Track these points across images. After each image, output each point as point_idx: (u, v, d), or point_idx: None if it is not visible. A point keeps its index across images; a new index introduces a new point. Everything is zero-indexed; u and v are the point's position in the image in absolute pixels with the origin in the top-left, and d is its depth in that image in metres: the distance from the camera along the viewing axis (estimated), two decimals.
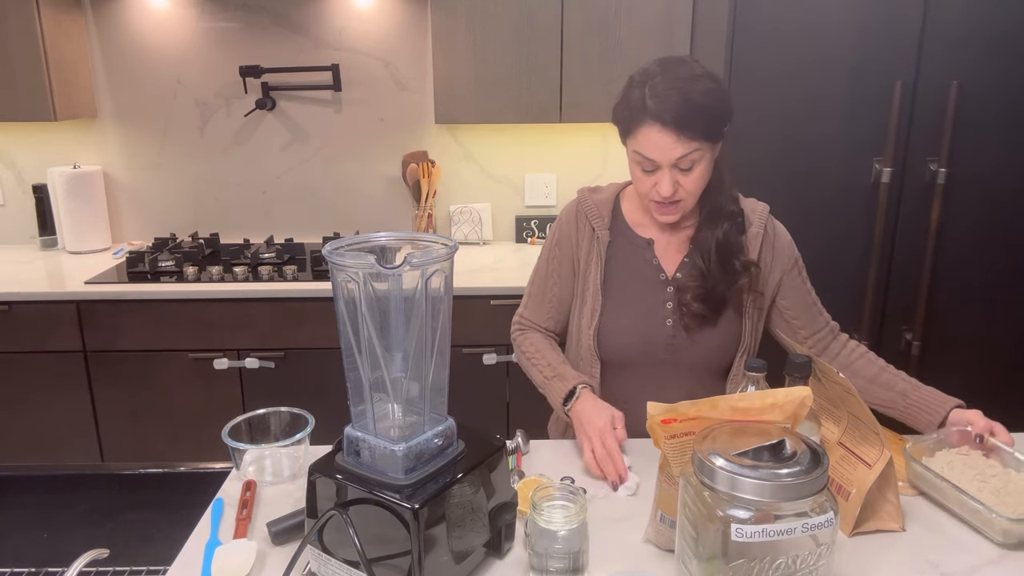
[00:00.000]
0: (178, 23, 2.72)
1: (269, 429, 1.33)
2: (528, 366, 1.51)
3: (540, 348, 1.50)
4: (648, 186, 1.34)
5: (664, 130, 1.27)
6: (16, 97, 2.47)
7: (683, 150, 1.28)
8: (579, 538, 0.99)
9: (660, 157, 1.29)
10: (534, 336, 1.53)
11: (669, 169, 1.30)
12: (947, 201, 2.12)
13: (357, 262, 0.92)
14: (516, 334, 1.57)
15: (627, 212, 1.48)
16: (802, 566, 0.88)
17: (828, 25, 2.03)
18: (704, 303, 1.39)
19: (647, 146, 1.29)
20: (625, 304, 1.44)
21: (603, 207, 1.47)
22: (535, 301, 1.55)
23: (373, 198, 2.89)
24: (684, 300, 1.40)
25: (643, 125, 1.29)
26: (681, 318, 1.41)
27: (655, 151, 1.29)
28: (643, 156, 1.31)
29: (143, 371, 2.42)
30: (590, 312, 1.45)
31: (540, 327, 1.54)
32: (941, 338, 2.22)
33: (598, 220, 1.46)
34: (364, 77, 2.77)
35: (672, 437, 1.02)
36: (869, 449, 1.13)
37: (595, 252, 1.45)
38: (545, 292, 1.52)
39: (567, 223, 1.49)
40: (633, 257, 1.45)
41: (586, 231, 1.47)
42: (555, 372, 1.43)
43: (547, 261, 1.52)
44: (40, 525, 1.34)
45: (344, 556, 0.99)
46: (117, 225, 2.90)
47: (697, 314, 1.40)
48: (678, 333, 1.42)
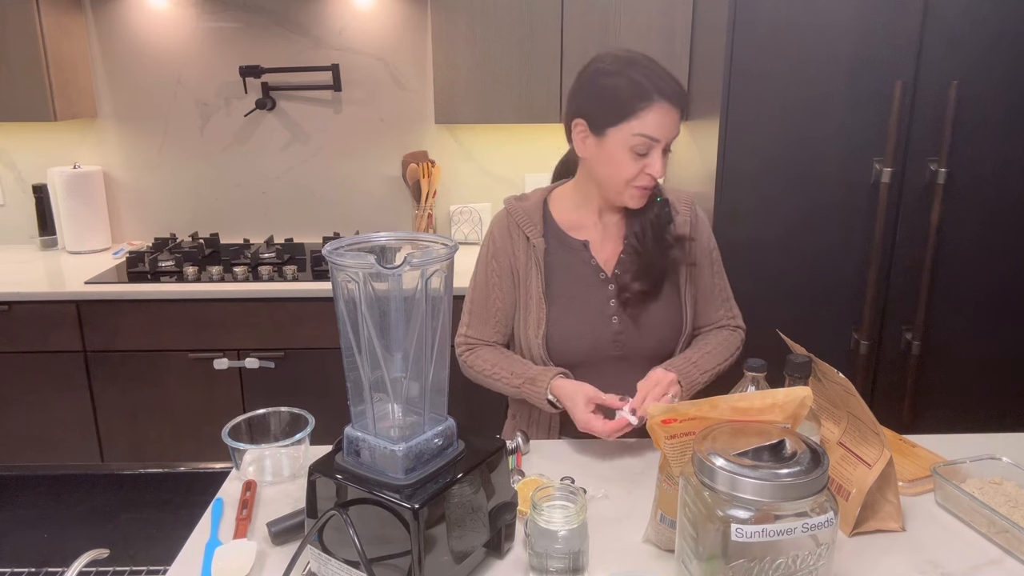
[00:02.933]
0: (178, 23, 2.72)
1: (269, 429, 1.33)
2: (491, 382, 1.49)
3: (495, 361, 1.49)
4: (635, 170, 1.36)
5: (672, 109, 1.33)
6: (16, 97, 2.47)
7: (677, 131, 1.36)
8: (579, 538, 0.99)
9: (665, 135, 1.34)
10: (483, 351, 1.52)
11: (663, 150, 1.36)
12: (947, 201, 2.12)
13: (357, 262, 0.92)
14: (465, 355, 1.54)
15: (557, 216, 1.50)
16: (802, 566, 0.88)
17: (828, 25, 2.02)
18: (644, 280, 1.43)
19: (654, 126, 1.32)
20: (570, 308, 1.45)
21: (533, 214, 1.48)
22: (478, 319, 1.53)
23: (373, 198, 2.89)
24: (623, 283, 1.43)
25: (653, 104, 1.31)
26: (624, 307, 1.44)
27: (661, 130, 1.33)
28: (648, 136, 1.33)
29: (143, 371, 2.42)
30: (536, 321, 1.45)
31: (487, 342, 1.53)
32: (941, 338, 2.22)
33: (531, 228, 1.46)
34: (364, 77, 2.77)
35: (672, 437, 1.02)
36: (869, 449, 1.13)
37: (532, 260, 1.46)
38: (488, 307, 1.52)
39: (500, 235, 1.49)
40: (571, 260, 1.47)
41: (520, 241, 1.48)
42: (523, 378, 1.43)
43: (486, 276, 1.52)
44: (40, 525, 1.34)
45: (344, 556, 0.99)
46: (117, 225, 2.90)
47: (638, 292, 1.43)
48: (625, 327, 1.45)
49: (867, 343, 2.19)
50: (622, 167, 1.37)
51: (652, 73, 1.33)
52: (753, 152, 2.11)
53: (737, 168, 2.11)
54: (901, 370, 2.23)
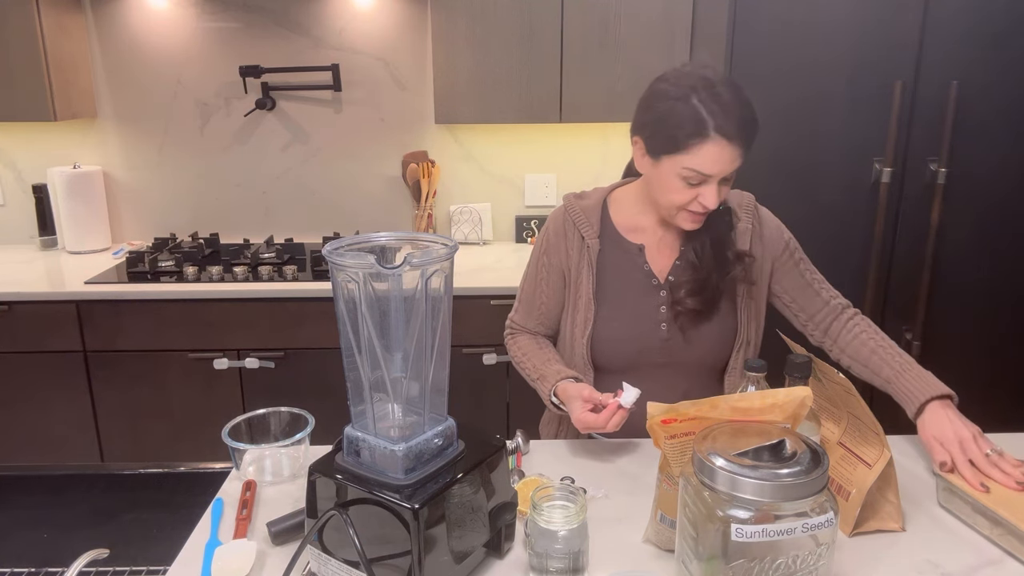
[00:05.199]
0: (178, 23, 2.72)
1: (269, 429, 1.33)
2: (519, 370, 1.52)
3: (527, 351, 1.50)
4: (688, 198, 1.30)
5: (730, 144, 1.24)
6: (16, 97, 2.47)
7: (738, 163, 1.28)
8: (579, 538, 0.99)
9: (719, 171, 1.26)
10: (522, 339, 1.54)
11: (718, 182, 1.28)
12: (947, 201, 2.12)
13: (357, 262, 0.92)
14: (507, 339, 1.58)
15: (615, 218, 1.46)
16: (802, 566, 0.88)
17: (828, 25, 2.03)
18: (698, 296, 1.38)
19: (706, 162, 1.25)
20: (618, 312, 1.43)
21: (591, 214, 1.44)
22: (525, 307, 1.55)
23: (373, 198, 2.89)
24: (678, 298, 1.39)
25: (707, 140, 1.23)
26: (676, 318, 1.41)
27: (715, 166, 1.25)
28: (698, 172, 1.26)
29: (143, 371, 2.42)
30: (583, 321, 1.44)
31: (530, 331, 1.55)
32: (941, 338, 2.22)
33: (587, 228, 1.43)
34: (364, 77, 2.77)
35: (672, 437, 1.02)
36: (869, 449, 1.13)
37: (585, 261, 1.44)
38: (534, 300, 1.52)
39: (555, 232, 1.48)
40: (624, 264, 1.44)
41: (575, 240, 1.45)
42: (538, 374, 1.44)
43: (536, 270, 1.51)
44: (40, 525, 1.34)
45: (344, 556, 0.99)
46: (117, 225, 2.90)
47: (692, 310, 1.39)
48: (673, 335, 1.42)
49: None
50: (674, 194, 1.31)
51: (715, 102, 1.23)
52: (753, 152, 2.10)
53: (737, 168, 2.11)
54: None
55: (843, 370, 1.31)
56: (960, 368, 2.26)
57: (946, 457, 1.19)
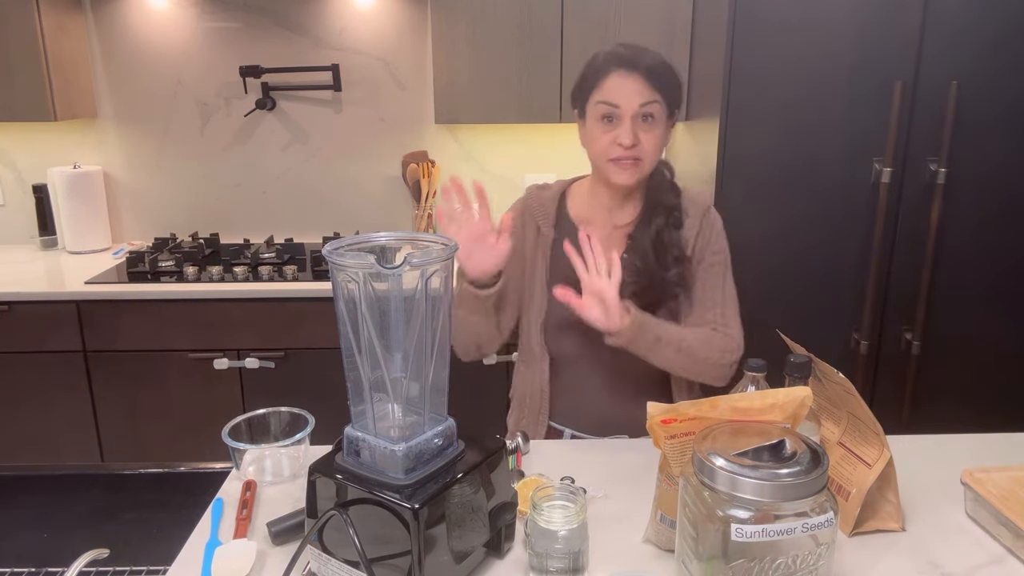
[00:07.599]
0: (178, 23, 2.72)
1: (269, 429, 1.33)
2: (458, 318, 1.47)
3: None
4: (608, 141, 1.38)
5: (632, 74, 1.35)
6: (16, 97, 2.47)
7: (647, 96, 1.35)
8: (579, 538, 0.99)
9: (626, 102, 1.35)
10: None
11: (631, 119, 1.36)
12: (947, 201, 2.12)
13: (357, 262, 0.92)
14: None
15: (573, 209, 1.52)
16: (802, 566, 0.88)
17: (828, 25, 2.02)
18: (639, 299, 1.42)
19: (613, 91, 1.36)
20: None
21: (549, 204, 1.52)
22: None
23: (373, 198, 2.89)
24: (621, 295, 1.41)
25: (611, 74, 1.36)
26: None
27: (620, 95, 1.35)
28: (608, 103, 1.36)
29: (143, 371, 2.42)
30: (538, 308, 1.49)
31: None
32: (941, 338, 2.22)
33: (544, 218, 1.51)
34: (364, 77, 2.77)
35: (672, 437, 1.02)
36: (869, 449, 1.13)
37: (540, 249, 1.50)
38: None
39: (515, 219, 1.51)
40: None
41: (532, 228, 1.52)
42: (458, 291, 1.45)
43: None
44: (40, 525, 1.34)
45: (344, 556, 0.99)
46: (117, 225, 2.90)
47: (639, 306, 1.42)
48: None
49: (867, 343, 2.19)
50: (596, 140, 1.40)
51: (619, 47, 1.38)
52: (753, 152, 2.11)
53: (737, 168, 2.11)
54: (901, 370, 2.23)
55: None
56: (960, 368, 2.26)
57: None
